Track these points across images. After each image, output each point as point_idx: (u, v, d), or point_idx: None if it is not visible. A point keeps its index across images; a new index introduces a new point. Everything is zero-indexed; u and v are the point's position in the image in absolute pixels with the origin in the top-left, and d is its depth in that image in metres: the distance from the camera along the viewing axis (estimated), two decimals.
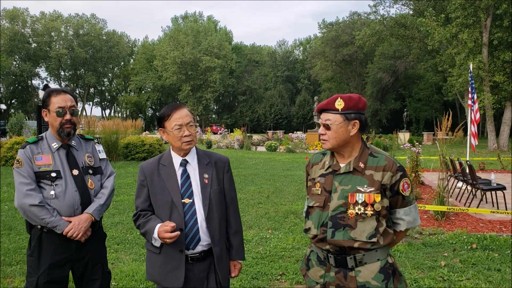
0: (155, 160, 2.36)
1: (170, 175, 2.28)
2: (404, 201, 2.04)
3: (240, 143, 24.59)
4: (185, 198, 2.24)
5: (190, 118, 2.28)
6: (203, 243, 2.24)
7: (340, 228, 2.01)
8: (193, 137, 2.28)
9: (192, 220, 2.22)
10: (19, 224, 6.34)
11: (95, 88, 71.43)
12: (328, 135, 2.05)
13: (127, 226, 6.27)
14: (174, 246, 2.19)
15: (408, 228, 2.08)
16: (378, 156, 2.06)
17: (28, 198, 2.42)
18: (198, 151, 2.39)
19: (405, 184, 2.03)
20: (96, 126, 16.80)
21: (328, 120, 2.05)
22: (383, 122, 53.00)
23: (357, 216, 1.98)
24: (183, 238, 2.19)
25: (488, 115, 25.35)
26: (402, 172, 2.03)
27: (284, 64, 72.01)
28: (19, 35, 58.61)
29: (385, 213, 2.02)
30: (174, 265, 2.20)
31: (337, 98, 2.05)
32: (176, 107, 2.30)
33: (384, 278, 1.99)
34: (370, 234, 1.97)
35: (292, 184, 10.50)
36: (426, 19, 25.79)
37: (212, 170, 2.33)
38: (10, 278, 4.27)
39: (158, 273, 2.26)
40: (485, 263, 4.64)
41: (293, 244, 5.35)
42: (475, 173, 7.78)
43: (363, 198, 1.98)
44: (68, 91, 2.65)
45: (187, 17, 71.96)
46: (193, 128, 2.28)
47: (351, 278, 2.01)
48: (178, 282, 2.19)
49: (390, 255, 2.08)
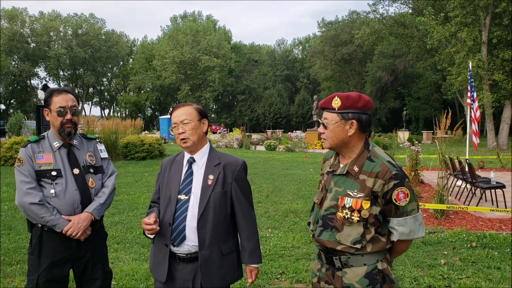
0: (173, 156, 2.44)
1: (177, 171, 2.32)
2: (398, 211, 1.93)
3: (239, 143, 24.59)
4: (182, 195, 2.25)
5: (186, 115, 2.23)
6: (190, 243, 2.20)
7: (328, 229, 2.01)
8: (188, 135, 2.22)
9: (181, 217, 2.21)
10: (19, 223, 6.34)
11: (94, 88, 71.39)
12: (326, 134, 2.04)
13: (127, 226, 6.26)
14: (161, 240, 2.25)
15: (402, 239, 1.97)
16: (375, 161, 1.97)
17: (28, 196, 2.43)
18: (211, 152, 2.34)
19: (400, 193, 1.90)
20: (96, 126, 16.79)
21: (325, 119, 2.03)
22: (383, 121, 53.08)
23: (344, 219, 1.96)
24: (169, 233, 2.21)
25: (488, 113, 25.35)
26: (398, 181, 1.90)
27: (283, 63, 71.97)
28: (18, 35, 58.49)
29: (374, 221, 1.94)
30: (161, 258, 2.25)
31: (334, 97, 2.00)
32: (176, 106, 2.30)
33: (370, 283, 1.95)
34: (355, 239, 1.93)
35: (292, 183, 10.50)
36: (425, 18, 25.80)
37: (220, 172, 2.27)
38: (10, 277, 4.27)
39: (151, 263, 2.34)
40: (485, 261, 4.64)
41: (293, 243, 5.35)
42: (474, 171, 7.79)
43: (350, 203, 1.95)
44: (70, 90, 2.66)
45: (186, 17, 71.94)
46: (189, 125, 2.22)
47: (338, 277, 2.01)
48: (162, 276, 2.23)
49: (383, 261, 2.00)
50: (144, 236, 2.42)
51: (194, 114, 2.26)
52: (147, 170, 13.05)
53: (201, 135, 2.29)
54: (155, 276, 2.30)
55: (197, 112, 2.27)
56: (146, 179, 10.97)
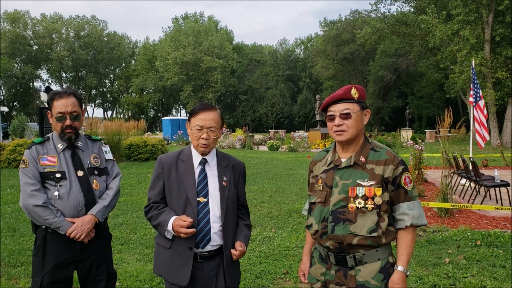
0: (174, 155, 2.36)
1: (188, 171, 2.28)
2: (407, 196, 2.02)
3: (242, 143, 24.58)
4: (200, 197, 2.24)
5: (215, 123, 2.24)
6: (213, 243, 2.23)
7: (340, 222, 2.00)
8: (210, 142, 2.24)
9: (204, 220, 2.22)
10: (23, 225, 6.36)
11: (96, 90, 71.52)
12: (347, 124, 2.03)
13: (130, 227, 6.27)
14: (184, 243, 2.19)
15: (414, 224, 2.01)
16: (379, 150, 2.06)
17: (32, 198, 2.43)
18: (218, 153, 2.39)
19: (407, 178, 2.02)
20: (99, 127, 16.86)
21: (347, 109, 2.03)
22: (386, 120, 52.86)
23: (357, 210, 1.97)
24: (194, 236, 2.19)
25: (491, 111, 25.23)
26: (404, 166, 2.03)
27: (285, 63, 71.84)
28: (21, 38, 58.65)
29: (386, 208, 1.99)
30: (182, 261, 2.20)
31: (352, 87, 2.05)
32: (205, 107, 2.26)
33: (384, 278, 1.98)
34: (370, 228, 1.96)
35: (295, 183, 10.49)
36: (427, 17, 25.73)
37: (230, 173, 2.34)
38: (15, 279, 4.28)
39: (165, 267, 2.26)
40: (489, 259, 4.62)
41: (296, 242, 5.35)
42: (478, 169, 7.76)
43: (364, 192, 1.98)
44: (72, 92, 2.60)
45: (187, 18, 71.97)
46: (215, 133, 2.24)
47: (350, 277, 2.00)
48: (184, 280, 2.18)
49: (392, 255, 2.06)
50: (157, 239, 2.35)
51: (220, 122, 2.29)
52: (150, 171, 13.05)
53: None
54: (172, 280, 2.22)
55: (221, 120, 2.31)
56: (150, 180, 10.96)
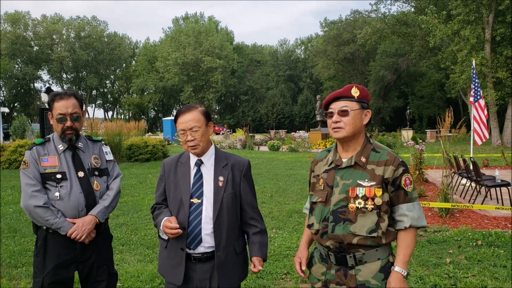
0: (175, 157, 2.39)
1: (185, 173, 2.29)
2: (407, 197, 2.01)
3: (243, 143, 24.58)
4: (194, 198, 2.23)
5: (195, 122, 2.19)
6: (205, 245, 2.22)
7: (340, 222, 2.01)
8: (198, 142, 2.21)
9: (195, 221, 2.21)
10: (23, 226, 6.36)
11: (97, 90, 71.61)
12: (344, 122, 2.04)
13: (131, 227, 6.28)
14: (176, 243, 2.22)
15: (413, 225, 2.00)
16: (380, 151, 2.07)
17: (33, 199, 2.44)
18: (217, 153, 2.34)
19: (407, 179, 2.02)
20: (99, 128, 16.87)
21: (345, 106, 2.05)
22: (386, 120, 52.84)
23: (357, 210, 1.98)
24: (184, 237, 2.20)
25: (492, 111, 25.22)
26: (404, 167, 2.03)
27: (285, 63, 71.84)
28: (21, 39, 58.77)
29: (386, 209, 2.00)
30: (176, 261, 2.23)
31: (353, 86, 2.07)
32: (182, 110, 2.24)
33: (384, 277, 1.99)
34: (370, 228, 1.96)
35: (296, 183, 10.49)
36: (428, 17, 25.71)
37: (229, 173, 2.28)
38: (16, 279, 4.29)
39: (164, 267, 2.31)
40: (490, 259, 4.62)
41: (297, 243, 5.34)
42: (479, 169, 7.76)
43: (364, 192, 1.98)
44: (73, 93, 2.60)
45: (188, 18, 72.00)
46: (198, 132, 2.20)
47: (351, 276, 2.01)
48: (178, 279, 2.22)
49: (392, 255, 2.06)
50: (158, 238, 2.38)
51: (202, 119, 2.23)
52: (151, 171, 13.07)
53: (208, 138, 2.30)
54: (168, 280, 2.28)
55: (204, 116, 2.25)
56: (150, 181, 10.99)
